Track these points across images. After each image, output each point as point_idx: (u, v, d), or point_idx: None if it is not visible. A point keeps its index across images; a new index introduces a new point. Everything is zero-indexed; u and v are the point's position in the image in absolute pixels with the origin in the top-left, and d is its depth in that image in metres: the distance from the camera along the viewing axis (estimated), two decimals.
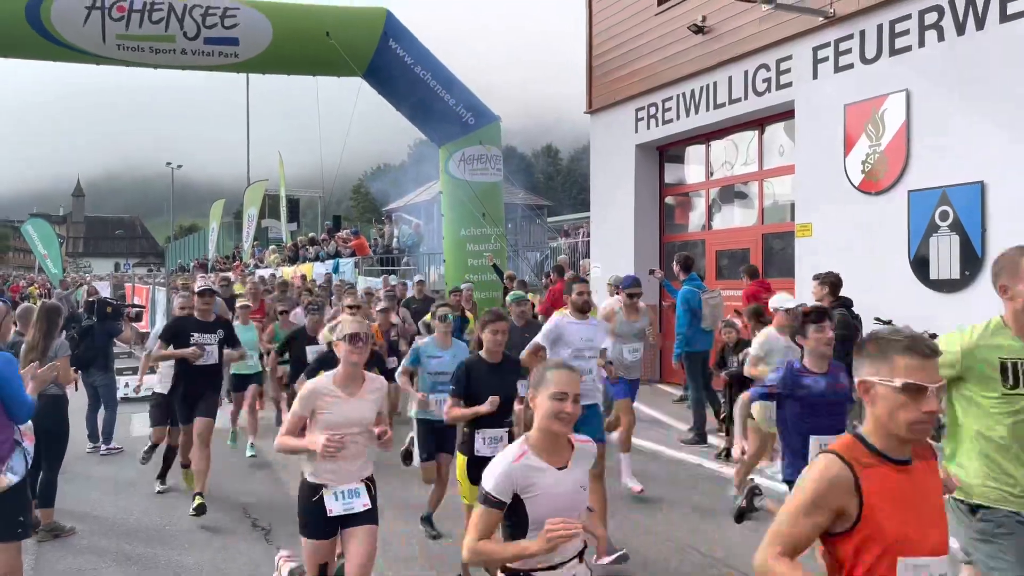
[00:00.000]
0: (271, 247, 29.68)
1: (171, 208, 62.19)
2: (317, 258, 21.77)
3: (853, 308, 7.37)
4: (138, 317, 13.97)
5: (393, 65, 14.99)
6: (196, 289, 7.61)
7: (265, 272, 21.74)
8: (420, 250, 21.66)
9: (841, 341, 5.56)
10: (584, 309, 5.76)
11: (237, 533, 6.38)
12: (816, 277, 7.39)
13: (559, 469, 2.66)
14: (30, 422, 4.49)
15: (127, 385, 11.54)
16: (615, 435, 7.29)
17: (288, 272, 20.45)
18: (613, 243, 13.68)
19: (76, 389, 9.49)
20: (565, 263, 14.74)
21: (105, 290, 22.98)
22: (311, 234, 27.70)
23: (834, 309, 6.99)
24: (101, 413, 9.35)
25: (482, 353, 4.92)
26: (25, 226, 26.34)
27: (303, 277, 18.66)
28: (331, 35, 14.27)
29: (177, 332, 7.04)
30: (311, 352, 7.48)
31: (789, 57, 10.30)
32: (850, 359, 2.37)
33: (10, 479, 4.25)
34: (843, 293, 7.45)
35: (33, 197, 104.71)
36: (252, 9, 14.17)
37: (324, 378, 4.00)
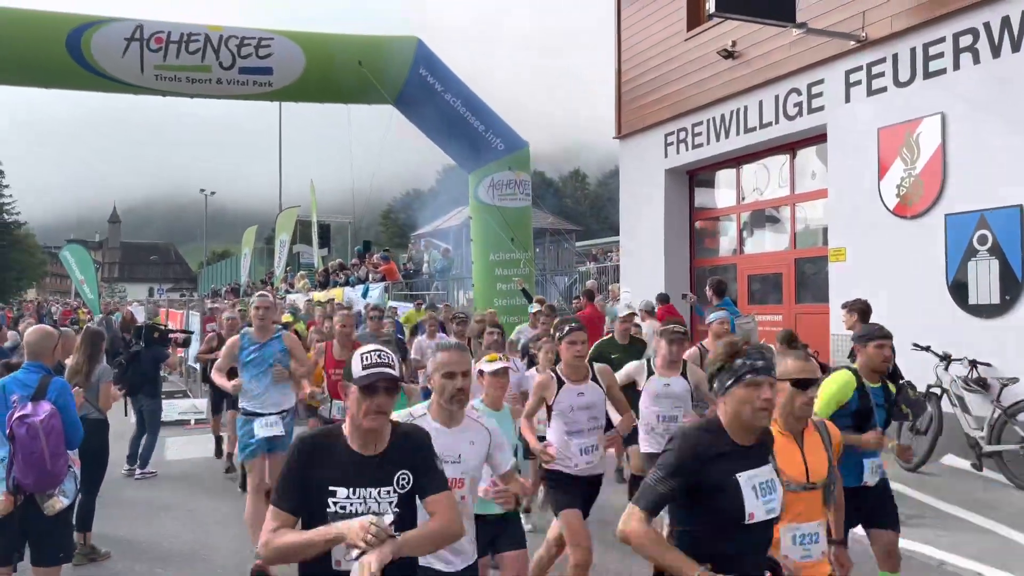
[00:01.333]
0: (301, 272, 29.97)
1: (204, 234, 63.20)
2: (347, 283, 21.92)
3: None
4: (186, 343, 14.23)
5: (423, 93, 15.15)
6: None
7: (297, 297, 21.93)
8: (450, 275, 21.76)
9: None
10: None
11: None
12: (844, 305, 7.30)
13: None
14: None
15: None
16: None
17: (319, 297, 20.63)
18: (643, 268, 13.64)
19: (126, 414, 9.70)
20: (595, 287, 14.70)
21: (140, 315, 23.33)
22: (340, 259, 27.95)
23: None
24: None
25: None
26: (63, 252, 26.84)
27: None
28: (363, 64, 14.47)
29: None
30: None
31: (821, 81, 10.27)
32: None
33: (63, 502, 4.33)
34: (880, 319, 7.33)
35: (70, 223, 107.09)
36: (286, 39, 14.43)
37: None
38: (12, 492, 4.36)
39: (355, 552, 2.36)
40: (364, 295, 19.00)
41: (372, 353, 2.64)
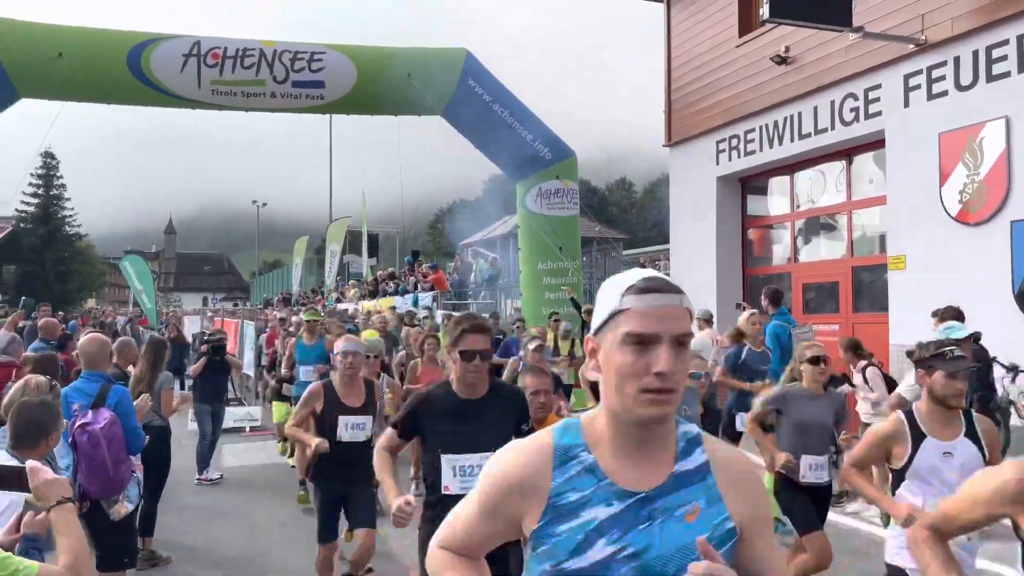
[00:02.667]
0: (351, 281, 30.36)
1: (256, 244, 64.45)
2: (397, 292, 22.12)
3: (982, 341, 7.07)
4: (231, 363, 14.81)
5: (472, 103, 15.24)
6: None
7: (349, 307, 22.20)
8: (497, 284, 21.80)
9: (977, 374, 5.65)
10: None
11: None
12: (935, 313, 7.09)
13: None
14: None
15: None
16: None
17: (369, 306, 20.84)
18: (694, 276, 13.48)
19: (195, 423, 10.04)
20: None
21: (196, 324, 23.83)
22: (391, 269, 28.22)
23: None
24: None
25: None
26: (123, 262, 27.68)
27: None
28: (412, 76, 14.62)
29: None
30: None
31: (878, 86, 10.04)
32: (985, 393, 2.31)
33: (127, 508, 4.42)
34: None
35: (128, 235, 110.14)
36: (337, 53, 14.66)
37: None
38: (78, 499, 4.47)
39: None
40: (414, 304, 19.15)
41: None
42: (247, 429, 12.53)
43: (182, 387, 12.66)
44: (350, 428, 5.04)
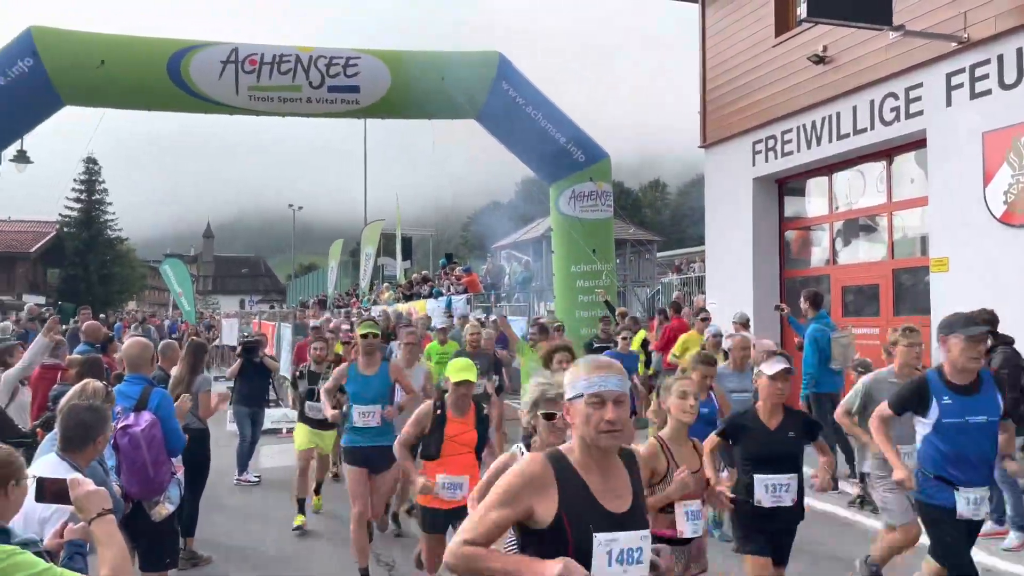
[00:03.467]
0: (385, 284, 30.58)
1: (292, 247, 65.22)
2: (431, 295, 22.23)
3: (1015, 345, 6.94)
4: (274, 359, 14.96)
5: (505, 106, 15.25)
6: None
7: (388, 308, 22.32)
8: (531, 286, 21.80)
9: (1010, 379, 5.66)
10: None
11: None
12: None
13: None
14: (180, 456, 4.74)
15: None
16: None
17: (403, 308, 20.97)
18: (730, 279, 13.35)
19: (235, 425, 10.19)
20: (681, 299, 14.49)
21: (234, 327, 24.17)
22: (424, 272, 28.37)
23: (995, 348, 6.61)
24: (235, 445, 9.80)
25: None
26: (163, 265, 28.19)
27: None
28: (446, 80, 14.67)
29: None
30: None
31: (919, 85, 9.85)
32: (1018, 396, 2.27)
33: (168, 509, 4.50)
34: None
35: (168, 238, 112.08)
36: (372, 57, 14.77)
37: None
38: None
39: None
40: (448, 307, 19.22)
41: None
42: (284, 430, 12.66)
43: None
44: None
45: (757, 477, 4.39)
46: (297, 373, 8.98)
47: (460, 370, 4.82)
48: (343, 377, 6.32)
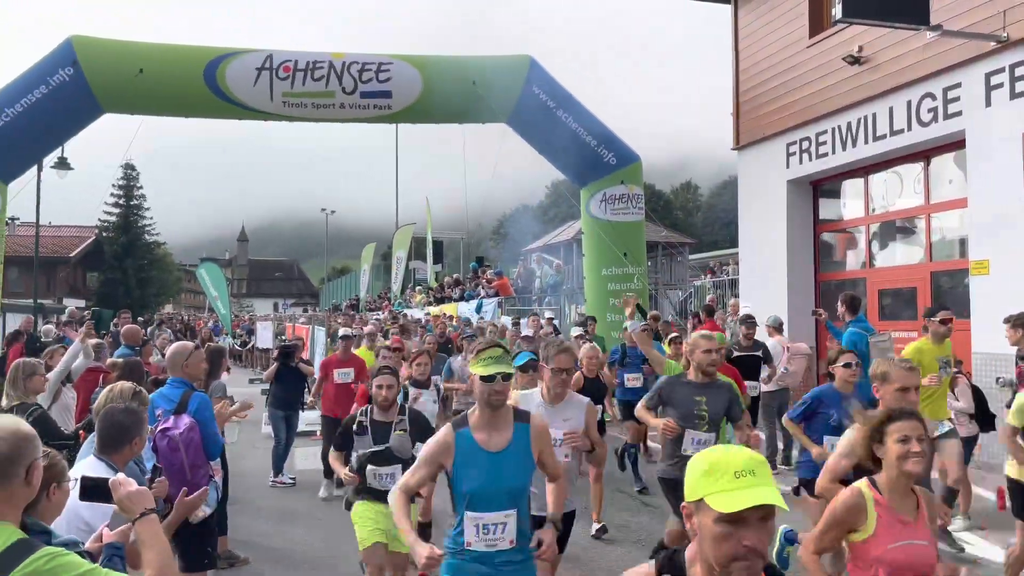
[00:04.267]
0: (417, 287, 30.74)
1: (326, 251, 65.83)
2: (462, 298, 22.30)
3: None
4: (309, 363, 15.12)
5: (536, 110, 15.27)
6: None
7: (418, 312, 22.45)
8: (561, 289, 21.77)
9: None
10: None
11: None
12: (1007, 320, 6.80)
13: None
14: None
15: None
16: None
17: (434, 312, 21.06)
18: (764, 282, 13.22)
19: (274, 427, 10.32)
20: (714, 302, 14.37)
21: (268, 330, 24.44)
22: (456, 275, 28.47)
23: None
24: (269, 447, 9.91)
25: None
26: (199, 269, 28.63)
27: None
28: (477, 84, 14.74)
29: None
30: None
31: (958, 85, 9.69)
32: None
33: (205, 511, 4.56)
34: None
35: (203, 243, 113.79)
36: (404, 63, 14.89)
37: None
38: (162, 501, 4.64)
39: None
40: (478, 310, 19.28)
41: None
42: (317, 433, 12.78)
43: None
44: None
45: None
46: (353, 426, 5.13)
47: None
48: (447, 455, 3.48)
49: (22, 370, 5.70)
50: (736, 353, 9.08)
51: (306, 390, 10.92)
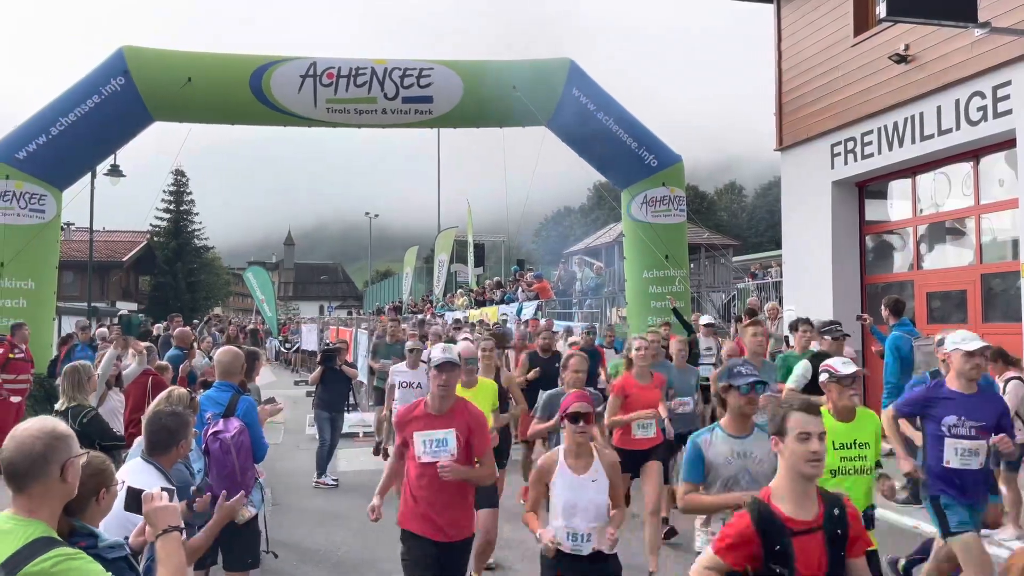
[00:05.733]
0: (459, 290, 30.92)
1: (369, 254, 66.55)
2: (503, 301, 22.37)
3: None
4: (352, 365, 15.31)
5: (576, 113, 15.25)
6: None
7: (459, 315, 22.57)
8: (602, 292, 21.70)
9: None
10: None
11: None
12: None
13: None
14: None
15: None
16: None
17: (475, 314, 21.17)
18: (808, 285, 13.03)
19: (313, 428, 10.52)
20: (756, 305, 14.20)
21: (312, 333, 24.80)
22: (497, 278, 28.57)
23: None
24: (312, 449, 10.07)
25: None
26: (247, 273, 29.24)
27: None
28: (518, 88, 14.77)
29: None
30: None
31: (1008, 83, 9.45)
32: None
33: (251, 511, 4.68)
34: None
35: (251, 247, 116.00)
36: (445, 68, 14.99)
37: None
38: (209, 502, 4.76)
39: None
40: (518, 313, 19.31)
41: None
42: (360, 435, 12.96)
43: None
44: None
45: None
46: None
47: None
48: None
49: (80, 373, 5.90)
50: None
51: (350, 392, 11.13)
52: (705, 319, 10.77)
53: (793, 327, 9.37)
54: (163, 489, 2.80)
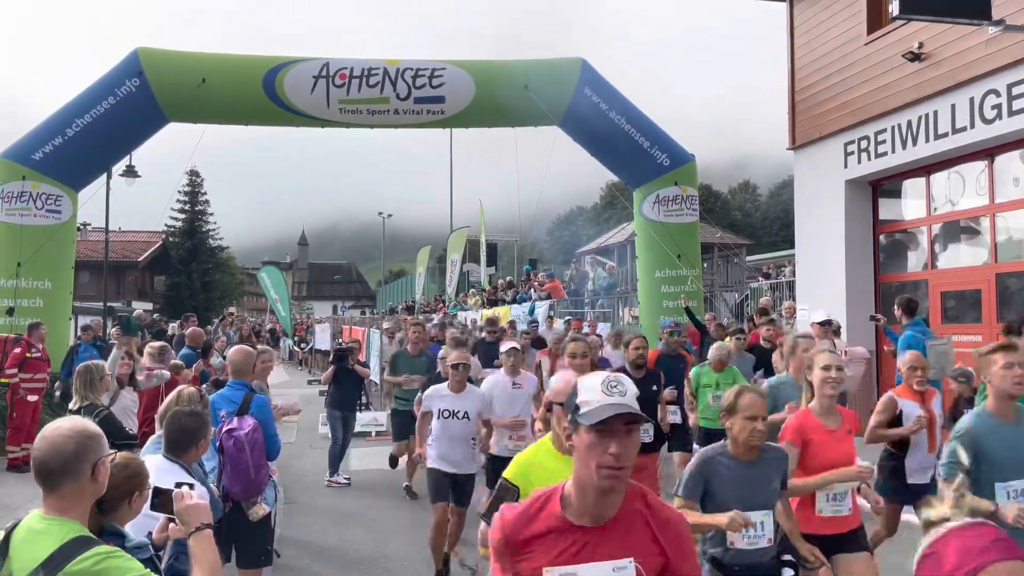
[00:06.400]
0: (471, 290, 30.96)
1: (383, 254, 66.74)
2: (515, 300, 22.40)
3: None
4: (365, 365, 15.31)
5: (588, 112, 15.23)
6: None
7: (473, 314, 22.63)
8: (615, 292, 21.69)
9: None
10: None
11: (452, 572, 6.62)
12: None
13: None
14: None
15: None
16: None
17: (487, 314, 21.20)
18: (822, 284, 12.97)
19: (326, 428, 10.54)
20: (769, 305, 14.15)
21: (326, 332, 24.92)
22: (509, 278, 28.59)
23: None
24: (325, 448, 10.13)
25: None
26: (261, 273, 29.42)
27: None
28: (529, 87, 14.78)
29: None
30: None
31: (1023, 81, 9.38)
32: None
33: (264, 509, 4.73)
34: None
35: (265, 247, 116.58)
36: (457, 68, 15.02)
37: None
38: (221, 499, 4.81)
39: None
40: (530, 312, 19.34)
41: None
42: (373, 434, 13.01)
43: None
44: None
45: None
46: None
47: None
48: None
49: (93, 372, 5.97)
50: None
51: (362, 391, 11.13)
52: (819, 315, 9.19)
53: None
54: (188, 484, 2.82)
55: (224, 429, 4.87)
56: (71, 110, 14.04)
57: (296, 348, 31.45)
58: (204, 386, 7.40)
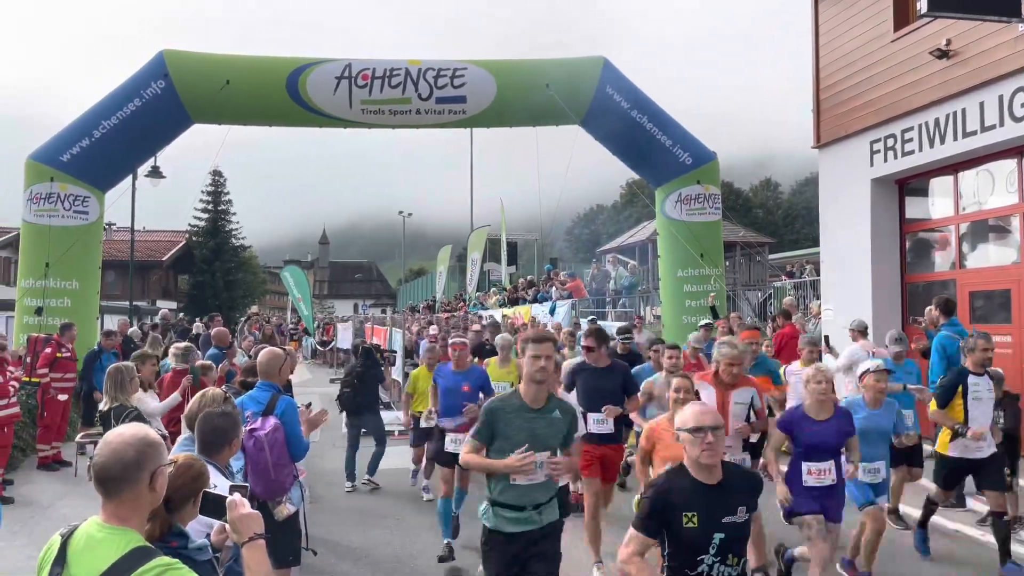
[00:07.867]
0: (492, 289, 30.99)
1: (403, 253, 66.98)
2: (535, 300, 22.38)
3: None
4: (391, 361, 15.20)
5: (610, 111, 15.20)
6: None
7: (494, 313, 22.63)
8: (637, 291, 21.62)
9: None
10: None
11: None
12: None
13: None
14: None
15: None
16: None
17: (508, 313, 21.21)
18: (847, 284, 12.84)
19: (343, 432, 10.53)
20: (792, 305, 14.04)
21: (348, 331, 25.02)
22: (530, 276, 28.58)
23: None
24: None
25: None
26: (283, 272, 29.63)
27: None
28: (551, 87, 14.77)
29: None
30: None
31: None
32: None
33: (290, 509, 4.75)
34: None
35: (286, 245, 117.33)
36: (478, 67, 15.04)
37: None
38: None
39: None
40: (551, 312, 19.32)
41: None
42: (395, 433, 13.04)
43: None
44: None
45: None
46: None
47: None
48: None
49: (124, 373, 6.04)
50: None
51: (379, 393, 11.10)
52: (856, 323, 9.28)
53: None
54: (237, 488, 2.81)
55: (247, 429, 4.91)
56: (98, 112, 14.22)
57: (318, 347, 31.63)
58: (227, 385, 7.48)
